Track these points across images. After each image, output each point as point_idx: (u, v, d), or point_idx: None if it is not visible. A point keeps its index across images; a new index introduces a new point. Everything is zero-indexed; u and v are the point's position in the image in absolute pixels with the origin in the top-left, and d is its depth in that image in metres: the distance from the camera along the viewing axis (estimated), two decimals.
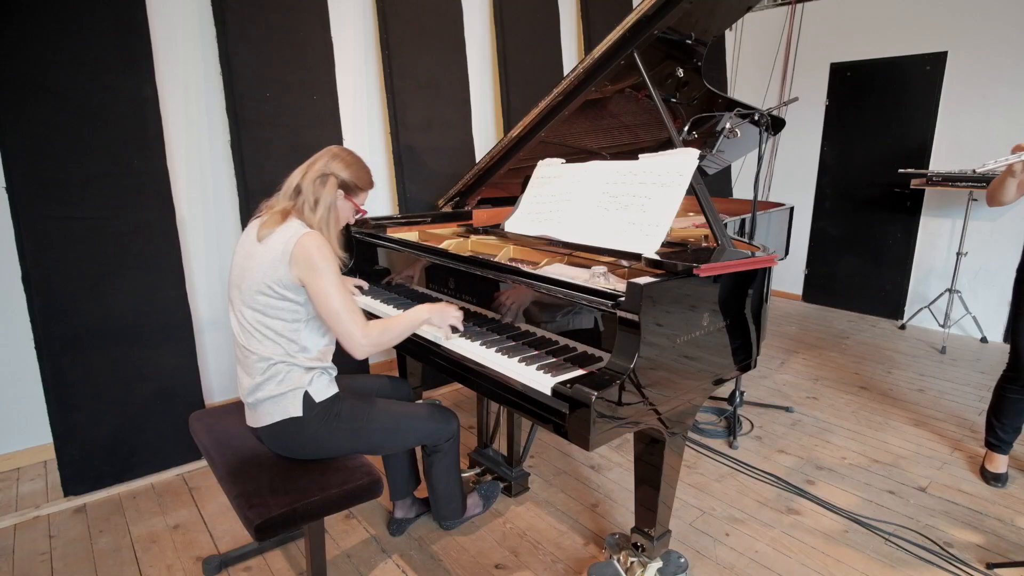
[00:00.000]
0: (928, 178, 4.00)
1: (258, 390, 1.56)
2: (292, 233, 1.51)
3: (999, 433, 2.38)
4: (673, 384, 1.53)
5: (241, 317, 1.57)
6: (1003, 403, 2.34)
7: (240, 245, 1.63)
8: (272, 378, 1.55)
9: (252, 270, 1.53)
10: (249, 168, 2.65)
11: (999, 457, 2.42)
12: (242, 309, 1.56)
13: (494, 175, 2.53)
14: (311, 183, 1.58)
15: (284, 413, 1.55)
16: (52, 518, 2.18)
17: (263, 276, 1.51)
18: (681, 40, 2.03)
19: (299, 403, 1.55)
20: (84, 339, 2.26)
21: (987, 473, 2.43)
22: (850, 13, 4.68)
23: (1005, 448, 2.40)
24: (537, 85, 3.68)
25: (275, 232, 1.52)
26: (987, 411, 2.42)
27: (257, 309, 1.54)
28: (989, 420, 2.41)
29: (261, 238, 1.53)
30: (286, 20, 2.71)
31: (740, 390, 2.82)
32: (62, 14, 2.15)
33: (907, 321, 4.50)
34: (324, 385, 1.61)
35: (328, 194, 1.58)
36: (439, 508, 1.99)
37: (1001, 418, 2.35)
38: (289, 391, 1.55)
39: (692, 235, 2.33)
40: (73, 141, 2.20)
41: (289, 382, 1.55)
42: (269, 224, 1.54)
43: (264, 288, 1.51)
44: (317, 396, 1.58)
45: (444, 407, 1.86)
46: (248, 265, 1.55)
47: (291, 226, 1.53)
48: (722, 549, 2.01)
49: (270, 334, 1.54)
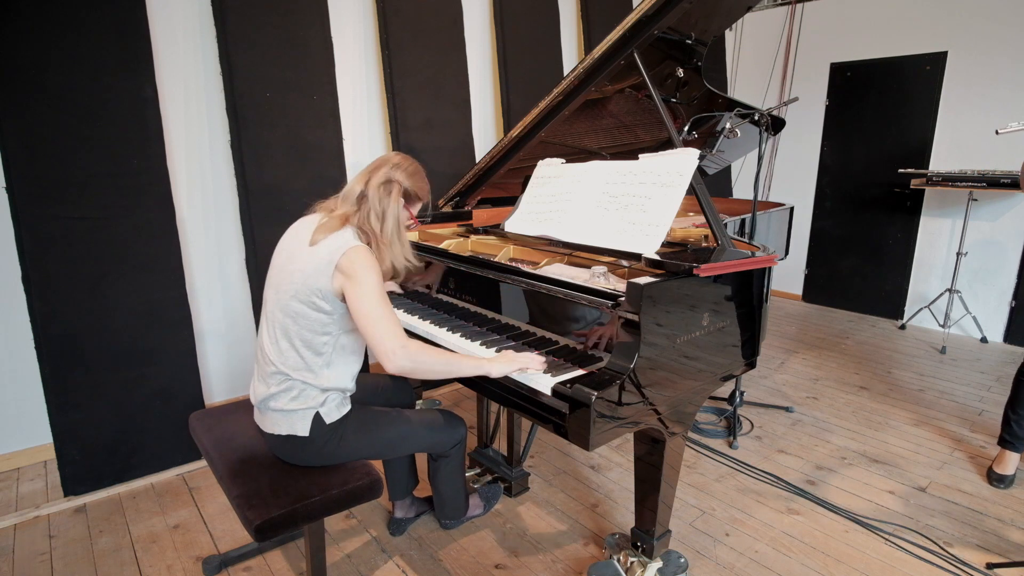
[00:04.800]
0: (928, 178, 4.00)
1: (270, 399, 1.52)
2: (342, 243, 1.45)
3: (1014, 428, 2.36)
4: (673, 384, 1.53)
5: (272, 319, 1.52)
6: (1021, 390, 2.32)
7: (283, 244, 1.57)
8: (286, 392, 1.51)
9: (293, 274, 1.48)
10: (249, 168, 2.65)
11: (1010, 457, 2.40)
12: (274, 311, 1.52)
13: (494, 175, 2.53)
14: (376, 190, 1.52)
15: (291, 429, 1.51)
16: (52, 518, 2.18)
17: (304, 281, 1.46)
18: (681, 40, 2.03)
19: (308, 423, 1.51)
20: (84, 339, 2.26)
21: (993, 474, 2.42)
22: (850, 13, 4.68)
23: (1020, 445, 2.38)
24: (537, 85, 3.68)
25: (328, 239, 1.47)
26: (1005, 407, 2.40)
27: (289, 315, 1.49)
28: (1006, 415, 2.39)
29: (314, 242, 1.47)
30: (286, 20, 2.71)
31: (740, 390, 2.83)
32: (62, 14, 2.15)
33: (907, 321, 4.50)
34: (336, 405, 1.56)
35: (394, 204, 1.53)
36: (443, 509, 1.99)
37: (1019, 409, 2.33)
38: (300, 409, 1.50)
39: (692, 235, 2.33)
40: (73, 141, 2.20)
41: (302, 400, 1.51)
42: (325, 228, 1.48)
43: (302, 296, 1.46)
44: (328, 418, 1.53)
45: (452, 413, 1.83)
46: (289, 268, 1.49)
47: (344, 236, 1.48)
48: (722, 549, 2.01)
49: (297, 344, 1.49)
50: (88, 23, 2.20)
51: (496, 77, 3.70)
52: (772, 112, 2.44)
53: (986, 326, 4.18)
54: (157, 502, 2.28)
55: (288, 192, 2.75)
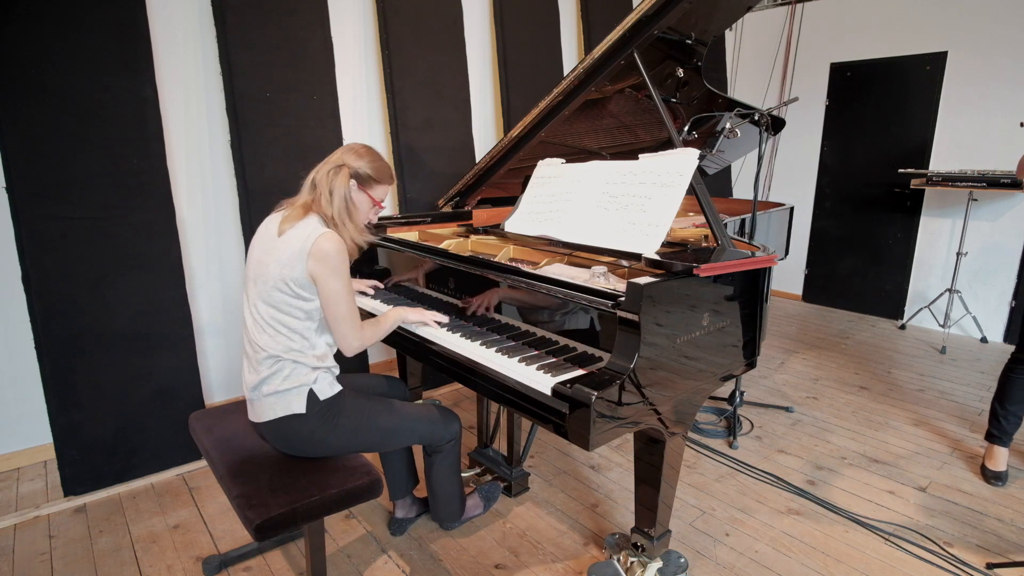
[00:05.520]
0: (928, 178, 4.00)
1: (263, 385, 1.57)
2: (311, 231, 1.54)
3: (1002, 423, 2.38)
4: (673, 384, 1.53)
5: (255, 311, 1.59)
6: (1009, 386, 2.34)
7: (257, 239, 1.64)
8: (277, 373, 1.56)
9: (269, 265, 1.55)
10: (249, 168, 2.65)
11: (1000, 452, 2.42)
12: (257, 303, 1.58)
13: (494, 175, 2.53)
14: (324, 174, 1.61)
15: (287, 409, 1.56)
16: (52, 518, 2.18)
17: (280, 271, 1.52)
18: (681, 40, 2.03)
19: (303, 400, 1.57)
20: (84, 339, 2.26)
21: (987, 471, 2.43)
22: (850, 13, 4.68)
23: (1007, 440, 2.40)
24: (537, 85, 3.68)
25: (295, 227, 1.55)
26: (992, 401, 2.42)
27: (272, 305, 1.55)
28: (993, 410, 2.41)
29: (281, 232, 1.56)
30: (286, 20, 2.71)
31: (740, 390, 2.83)
32: (62, 14, 2.15)
33: (907, 321, 4.50)
34: (328, 384, 1.62)
35: (341, 184, 1.60)
36: (438, 510, 1.98)
37: (1006, 404, 2.35)
38: (294, 387, 1.57)
39: (692, 235, 2.33)
40: (73, 141, 2.20)
41: (294, 379, 1.57)
42: (290, 219, 1.57)
43: (280, 285, 1.53)
44: (321, 394, 1.60)
45: (446, 408, 1.86)
46: (265, 260, 1.56)
47: (310, 223, 1.56)
48: (722, 549, 2.01)
49: (282, 329, 1.56)
50: (88, 23, 2.20)
51: (496, 77, 3.70)
52: (772, 112, 2.44)
53: (986, 326, 4.18)
54: (157, 502, 2.28)
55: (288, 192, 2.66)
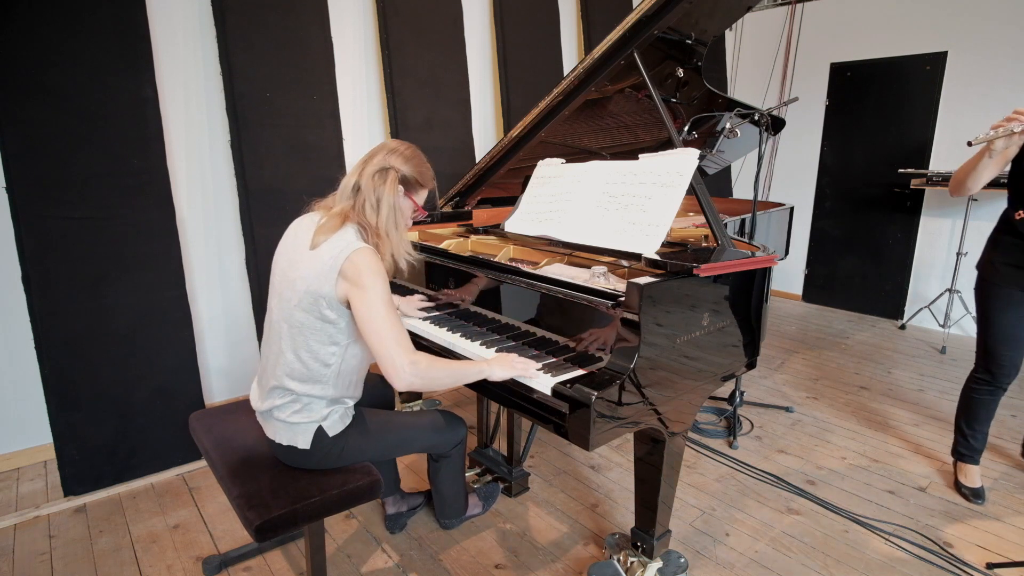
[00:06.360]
0: (928, 178, 4.00)
1: (274, 410, 1.50)
2: (344, 246, 1.38)
3: (970, 442, 2.28)
4: (673, 384, 1.53)
5: (277, 329, 1.47)
6: (974, 406, 2.23)
7: (284, 247, 1.51)
8: (290, 404, 1.48)
9: (295, 282, 1.42)
10: (249, 168, 2.65)
11: (973, 470, 2.32)
12: (279, 322, 1.46)
13: (494, 175, 2.53)
14: (370, 179, 1.45)
15: (291, 441, 1.49)
16: (52, 518, 2.18)
17: (307, 289, 1.40)
18: (681, 40, 2.03)
19: (309, 437, 1.48)
20: (84, 339, 2.26)
21: (965, 489, 2.30)
22: (850, 13, 4.68)
23: (976, 458, 2.31)
24: (537, 85, 3.68)
25: (329, 240, 1.40)
26: (956, 419, 2.32)
27: (294, 326, 1.43)
28: (959, 428, 2.31)
29: (315, 245, 1.40)
30: (286, 20, 2.71)
31: (740, 390, 2.83)
32: (62, 14, 2.14)
33: (907, 321, 4.50)
34: (340, 417, 1.53)
35: (389, 191, 1.45)
36: (443, 509, 2.01)
37: (973, 424, 2.25)
38: (303, 423, 1.48)
39: (692, 235, 2.33)
40: (73, 141, 2.19)
41: (306, 413, 1.48)
42: (326, 229, 1.41)
43: (305, 304, 1.41)
44: (331, 431, 1.51)
45: (453, 414, 1.81)
46: (291, 276, 1.44)
47: (345, 236, 1.41)
48: (722, 549, 2.01)
49: (303, 355, 1.44)
50: (88, 23, 2.20)
51: (496, 77, 3.70)
52: (772, 112, 2.44)
53: None
54: (157, 502, 2.28)
55: (288, 192, 2.75)
